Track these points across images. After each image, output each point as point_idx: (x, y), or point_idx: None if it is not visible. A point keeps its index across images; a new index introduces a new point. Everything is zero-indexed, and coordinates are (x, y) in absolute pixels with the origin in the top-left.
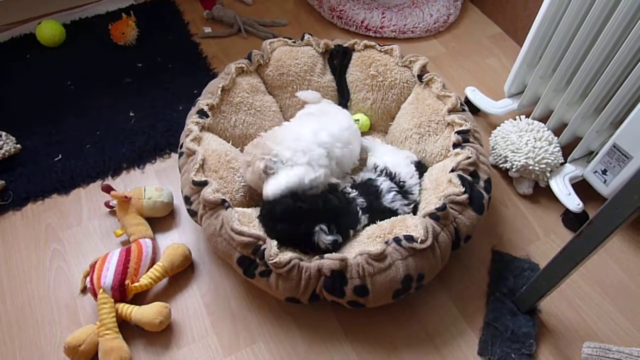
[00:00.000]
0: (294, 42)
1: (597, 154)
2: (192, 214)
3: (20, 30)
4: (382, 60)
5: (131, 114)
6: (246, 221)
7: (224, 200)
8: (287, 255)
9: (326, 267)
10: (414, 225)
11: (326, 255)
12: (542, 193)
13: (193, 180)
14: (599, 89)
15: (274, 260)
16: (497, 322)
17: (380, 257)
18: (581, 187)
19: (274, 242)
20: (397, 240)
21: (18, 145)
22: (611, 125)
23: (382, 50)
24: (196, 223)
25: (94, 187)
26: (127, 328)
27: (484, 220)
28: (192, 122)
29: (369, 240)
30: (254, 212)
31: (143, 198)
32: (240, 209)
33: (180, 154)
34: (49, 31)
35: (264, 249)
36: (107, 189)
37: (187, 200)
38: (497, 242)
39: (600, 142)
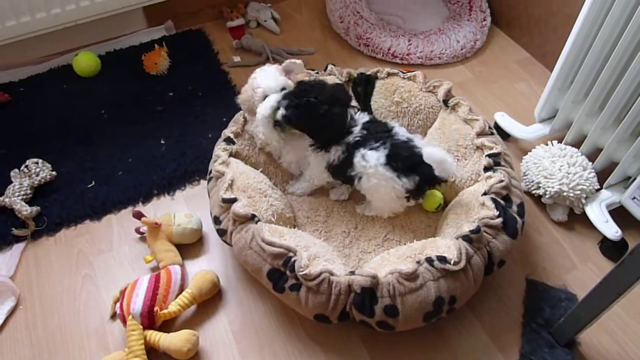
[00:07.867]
0: (317, 73)
1: (635, 179)
2: (222, 233)
3: (58, 62)
4: (406, 87)
5: (162, 142)
6: (277, 235)
7: (254, 215)
8: (318, 267)
9: (356, 283)
10: (446, 247)
11: (357, 272)
12: (577, 219)
13: (223, 198)
14: (635, 113)
15: (305, 272)
16: (533, 355)
17: (411, 276)
18: (619, 213)
19: (305, 254)
20: (429, 260)
21: (54, 172)
22: None
23: (405, 77)
24: (225, 244)
25: (125, 213)
26: (155, 355)
27: (518, 248)
28: (219, 148)
29: (399, 260)
30: (284, 230)
31: (173, 224)
32: (270, 224)
33: (209, 180)
34: (85, 62)
35: (295, 260)
36: (138, 215)
37: (217, 220)
38: (532, 270)
39: (638, 166)
